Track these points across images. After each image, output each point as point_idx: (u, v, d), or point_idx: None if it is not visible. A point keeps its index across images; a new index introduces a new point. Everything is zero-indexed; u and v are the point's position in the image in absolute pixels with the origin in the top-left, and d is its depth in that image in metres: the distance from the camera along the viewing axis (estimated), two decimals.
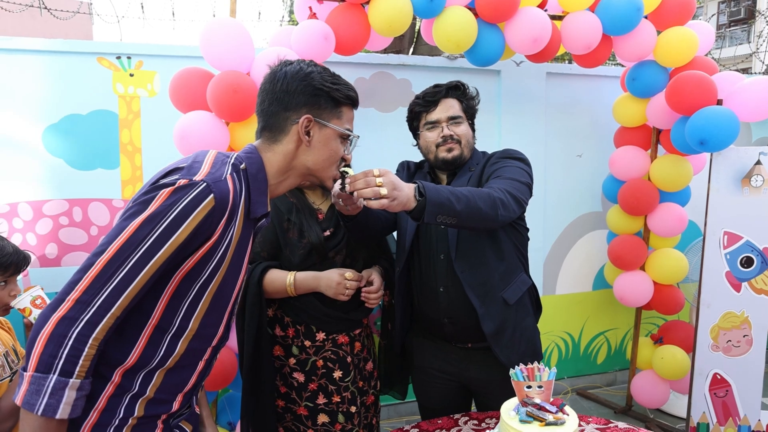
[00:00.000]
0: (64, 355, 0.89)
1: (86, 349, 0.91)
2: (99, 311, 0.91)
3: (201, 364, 1.12)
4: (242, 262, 1.12)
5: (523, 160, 1.65)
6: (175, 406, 1.09)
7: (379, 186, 1.21)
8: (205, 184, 0.97)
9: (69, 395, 0.90)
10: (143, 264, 0.93)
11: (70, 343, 0.89)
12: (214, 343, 1.13)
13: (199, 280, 1.03)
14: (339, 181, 1.27)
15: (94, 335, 0.91)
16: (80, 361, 0.90)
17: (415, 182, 1.30)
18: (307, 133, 1.13)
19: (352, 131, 1.21)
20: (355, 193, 1.23)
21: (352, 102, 1.20)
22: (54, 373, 0.89)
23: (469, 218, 1.35)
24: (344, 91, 1.17)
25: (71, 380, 0.90)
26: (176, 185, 0.95)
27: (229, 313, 1.15)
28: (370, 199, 1.21)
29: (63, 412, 0.89)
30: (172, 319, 1.03)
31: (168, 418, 1.09)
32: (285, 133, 1.13)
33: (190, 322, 1.05)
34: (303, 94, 1.12)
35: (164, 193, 0.95)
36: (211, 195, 0.97)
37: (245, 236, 1.10)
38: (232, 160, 1.07)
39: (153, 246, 0.93)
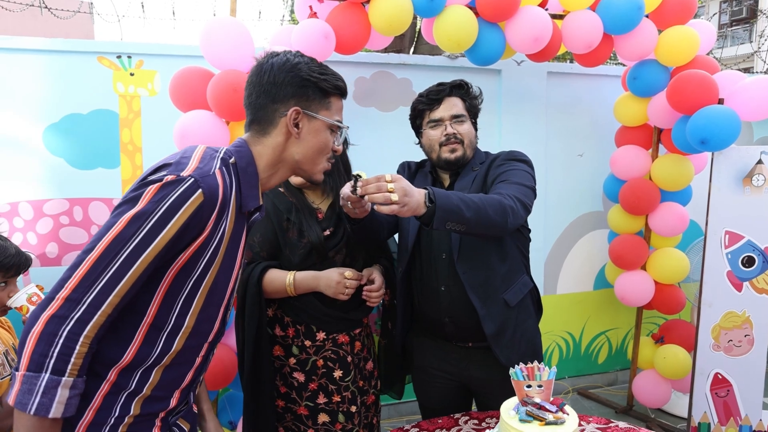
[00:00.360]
0: (55, 354, 0.88)
1: (77, 347, 0.90)
2: (89, 309, 0.91)
3: (198, 360, 1.12)
4: (236, 256, 1.11)
5: (527, 162, 1.65)
6: (173, 402, 1.09)
7: (391, 192, 1.22)
8: (192, 179, 0.96)
9: (62, 394, 0.89)
10: (132, 261, 0.93)
11: (61, 341, 0.89)
12: (210, 338, 1.13)
13: (193, 276, 1.02)
14: (351, 184, 1.29)
15: (85, 333, 0.90)
16: (72, 360, 0.89)
17: (425, 188, 1.31)
18: (296, 125, 1.11)
19: (341, 122, 1.19)
20: (366, 197, 1.24)
21: (341, 92, 1.19)
22: (46, 372, 0.88)
23: (478, 225, 1.35)
24: (332, 81, 1.15)
25: (64, 378, 0.89)
26: (163, 181, 0.95)
27: (225, 308, 1.14)
28: (381, 204, 1.22)
29: (56, 411, 0.89)
30: (167, 317, 1.02)
31: (166, 416, 1.09)
32: (274, 125, 1.12)
33: (186, 318, 1.04)
34: (291, 86, 1.11)
35: (151, 189, 0.94)
36: (200, 190, 0.96)
37: (238, 230, 1.09)
38: (221, 155, 1.06)
39: (142, 243, 0.93)
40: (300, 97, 1.11)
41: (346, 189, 1.33)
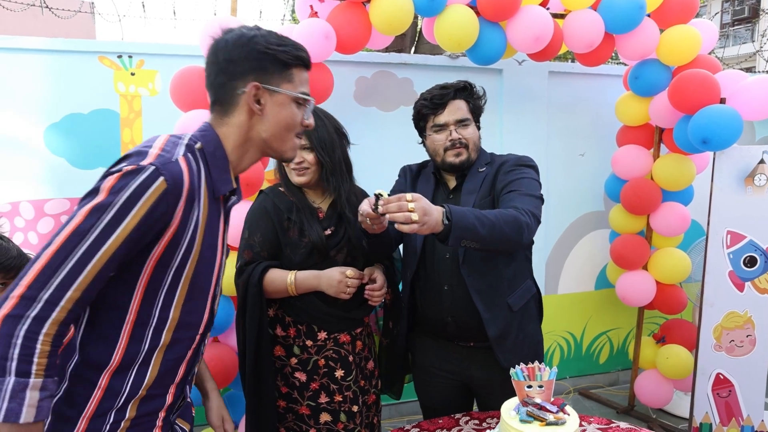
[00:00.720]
0: (15, 356, 0.84)
1: (39, 347, 0.85)
2: (47, 306, 0.86)
3: (189, 353, 1.10)
4: (216, 243, 1.08)
5: (535, 168, 1.66)
6: (169, 399, 1.07)
7: (411, 211, 1.24)
8: (153, 167, 0.92)
9: (31, 396, 0.85)
10: (91, 254, 0.89)
11: (19, 342, 0.84)
12: (201, 330, 1.10)
13: (172, 268, 1.00)
14: (371, 202, 1.31)
15: (44, 331, 0.86)
16: (35, 360, 0.85)
17: (443, 206, 1.32)
18: (258, 102, 1.06)
19: (307, 94, 1.13)
20: (387, 215, 1.27)
21: (303, 62, 1.11)
22: (10, 375, 0.83)
23: (493, 242, 1.37)
24: (292, 52, 1.08)
25: (31, 380, 0.85)
26: (123, 171, 0.92)
27: (212, 297, 1.12)
28: (401, 223, 1.25)
29: (27, 415, 0.84)
30: (150, 311, 1.00)
31: (167, 415, 1.08)
32: (235, 104, 1.07)
33: (170, 311, 1.02)
34: (247, 60, 1.04)
35: (110, 180, 0.91)
36: (161, 178, 0.92)
37: (214, 217, 1.06)
38: (186, 141, 1.03)
39: (101, 235, 0.89)
40: (258, 71, 1.05)
41: (366, 206, 1.35)
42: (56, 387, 0.91)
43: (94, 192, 0.92)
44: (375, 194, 1.31)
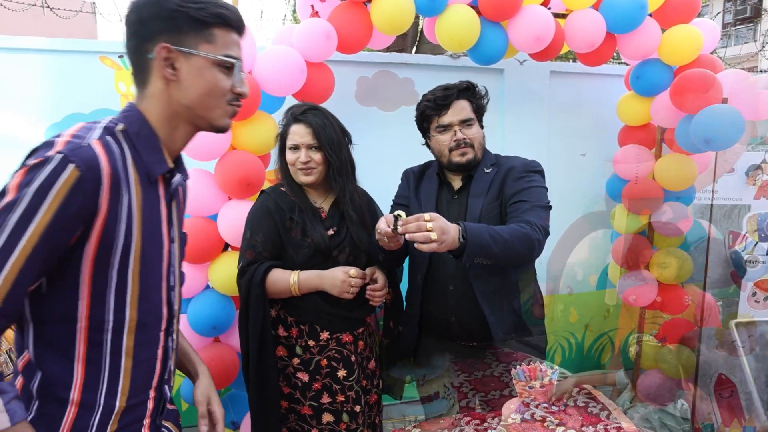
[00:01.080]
0: None
1: None
2: None
3: (159, 353, 1.03)
4: (160, 231, 1.00)
5: (542, 174, 1.68)
6: (150, 405, 1.02)
7: (430, 231, 1.27)
8: (61, 156, 0.85)
9: None
10: (3, 260, 0.81)
11: None
12: (163, 326, 1.04)
13: (113, 265, 0.92)
14: (390, 221, 1.36)
15: None
16: None
17: (458, 224, 1.35)
18: (172, 67, 0.95)
19: (233, 56, 0.99)
20: (407, 235, 1.30)
21: (225, 21, 0.98)
22: None
23: (504, 258, 1.41)
24: (211, 9, 0.95)
25: None
26: (28, 166, 0.85)
27: (167, 289, 1.05)
28: (421, 242, 1.28)
29: (1, 421, 0.81)
30: (103, 315, 0.93)
31: (152, 420, 1.03)
32: (149, 72, 0.97)
33: (126, 312, 0.95)
34: (157, 20, 0.93)
35: (16, 177, 0.85)
36: (72, 165, 0.85)
37: (152, 201, 0.98)
38: (105, 124, 0.95)
39: (11, 237, 0.81)
40: (170, 32, 0.94)
41: (383, 225, 1.38)
42: (15, 389, 0.86)
43: (2, 193, 0.85)
44: (394, 215, 1.34)
